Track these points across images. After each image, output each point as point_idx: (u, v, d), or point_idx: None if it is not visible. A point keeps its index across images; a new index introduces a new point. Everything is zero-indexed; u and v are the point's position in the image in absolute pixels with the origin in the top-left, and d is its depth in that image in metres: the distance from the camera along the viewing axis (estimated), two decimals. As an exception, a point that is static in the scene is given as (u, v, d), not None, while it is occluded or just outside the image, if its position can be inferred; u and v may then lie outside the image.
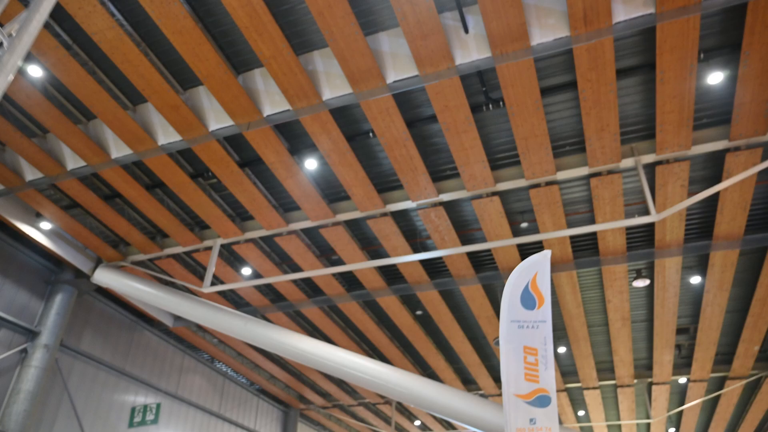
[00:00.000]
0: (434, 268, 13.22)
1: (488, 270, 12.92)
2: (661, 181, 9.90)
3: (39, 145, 10.46)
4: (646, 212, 10.87)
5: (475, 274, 12.92)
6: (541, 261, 4.17)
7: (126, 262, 13.38)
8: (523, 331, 4.09)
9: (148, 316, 15.69)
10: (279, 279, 11.72)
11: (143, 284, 12.86)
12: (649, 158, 9.54)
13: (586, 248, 12.22)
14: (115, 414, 14.32)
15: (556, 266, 12.25)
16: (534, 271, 4.21)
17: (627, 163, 9.63)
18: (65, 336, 13.35)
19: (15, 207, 12.06)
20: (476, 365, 17.58)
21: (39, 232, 12.41)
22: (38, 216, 12.38)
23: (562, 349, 16.64)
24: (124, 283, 12.97)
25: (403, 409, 22.55)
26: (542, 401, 4.02)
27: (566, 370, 18.23)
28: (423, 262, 12.79)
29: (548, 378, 4.10)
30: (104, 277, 13.20)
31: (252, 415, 20.35)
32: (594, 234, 11.77)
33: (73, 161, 10.71)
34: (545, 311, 4.25)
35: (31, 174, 11.09)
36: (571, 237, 11.87)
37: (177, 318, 15.93)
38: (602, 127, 8.96)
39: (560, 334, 15.92)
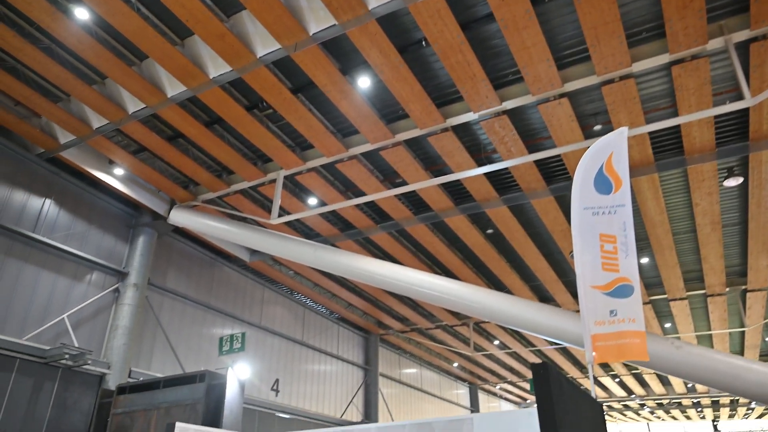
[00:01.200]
0: (503, 183, 12.69)
1: (560, 180, 12.24)
2: (756, 60, 8.74)
3: (99, 92, 10.64)
4: (740, 98, 9.72)
5: (547, 186, 12.29)
6: (617, 139, 3.68)
7: (197, 202, 13.74)
8: (598, 218, 3.67)
9: (226, 253, 16.26)
10: (343, 205, 11.64)
11: (215, 221, 13.22)
12: (741, 35, 8.40)
13: (668, 148, 11.24)
14: (205, 344, 15.22)
15: (635, 170, 11.39)
16: (609, 152, 3.72)
17: (715, 44, 8.53)
18: (152, 275, 14.09)
19: (89, 156, 12.54)
20: (553, 281, 17.15)
21: (114, 179, 12.90)
22: (111, 163, 12.82)
23: (644, 260, 15.86)
24: (198, 222, 13.38)
25: (481, 330, 22.68)
26: (623, 291, 3.66)
27: (650, 282, 17.45)
28: (491, 177, 12.27)
29: (629, 266, 3.71)
30: (179, 217, 13.66)
31: (334, 341, 21.14)
32: (678, 130, 10.75)
33: (132, 104, 10.84)
34: (624, 194, 3.78)
35: (97, 121, 11.37)
36: (652, 136, 10.91)
37: (253, 253, 16.42)
38: (684, 4, 7.89)
39: (642, 244, 15.10)
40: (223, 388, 6.56)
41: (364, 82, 9.92)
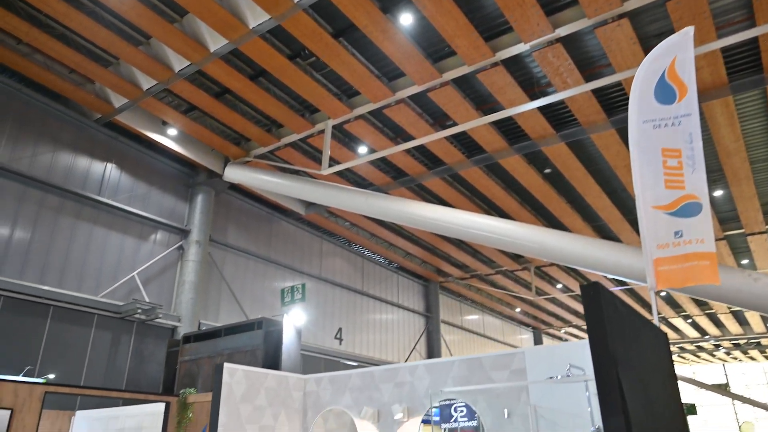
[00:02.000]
0: (559, 119, 12.04)
1: (622, 111, 11.47)
2: None
3: (146, 52, 10.71)
4: (828, 2, 8.63)
5: (608, 118, 11.56)
6: (681, 41, 3.23)
7: (250, 157, 13.87)
8: (660, 132, 3.29)
9: (282, 207, 16.48)
10: (393, 151, 11.41)
11: (268, 175, 13.34)
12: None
13: (744, 66, 10.24)
14: (268, 295, 15.69)
15: (706, 94, 10.49)
16: (671, 56, 3.28)
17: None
18: (212, 232, 14.50)
19: (142, 118, 12.81)
20: (617, 221, 16.43)
21: (168, 139, 13.17)
22: (164, 124, 13.06)
23: (718, 193, 14.85)
24: (252, 177, 13.55)
25: (543, 274, 22.25)
26: (690, 210, 3.30)
27: (725, 216, 16.41)
28: (546, 112, 11.66)
29: (697, 181, 3.33)
30: (233, 173, 13.86)
31: (394, 290, 21.34)
32: (755, 46, 9.74)
33: (178, 62, 10.87)
34: (690, 102, 3.36)
35: (146, 83, 11.52)
36: (725, 54, 9.95)
37: (308, 206, 16.57)
38: None
39: (715, 176, 14.12)
40: (279, 333, 6.67)
41: (406, 19, 9.49)
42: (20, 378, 7.62)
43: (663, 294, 23.60)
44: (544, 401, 3.41)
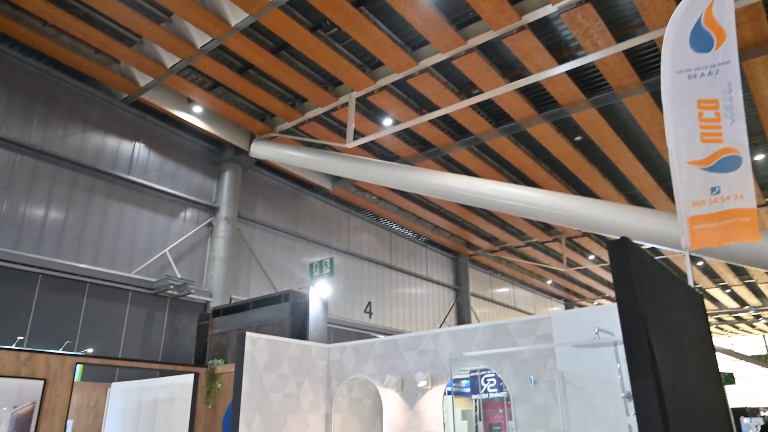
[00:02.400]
0: (590, 83, 11.63)
1: (656, 73, 11.00)
2: None
3: (168, 29, 10.69)
4: None
5: (641, 81, 11.12)
6: (719, -17, 3.00)
7: (275, 133, 13.85)
8: (695, 82, 3.07)
9: (309, 183, 16.49)
10: (418, 121, 11.22)
11: (293, 150, 13.32)
12: None
13: (788, 20, 9.66)
14: (297, 270, 15.81)
15: (746, 52, 9.96)
16: (708, 1, 3.05)
17: None
18: (241, 208, 14.61)
19: (167, 96, 12.87)
20: (652, 188, 15.95)
21: (194, 117, 13.23)
22: (189, 101, 13.11)
23: (759, 157, 14.24)
24: (277, 152, 13.55)
25: (574, 245, 21.87)
26: (728, 164, 3.10)
27: (766, 181, 15.75)
28: (576, 77, 11.27)
29: (736, 134, 3.11)
30: (259, 149, 13.89)
31: (422, 264, 21.29)
32: (800, -3, 9.17)
33: (200, 38, 10.83)
34: (728, 49, 3.12)
35: (169, 60, 11.53)
36: None
37: (335, 180, 16.53)
38: None
39: (757, 140, 13.52)
40: (306, 305, 6.68)
41: (428, -17, 9.21)
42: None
43: (700, 264, 22.97)
44: (571, 367, 3.30)
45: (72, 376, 4.86)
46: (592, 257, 23.26)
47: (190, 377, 6.05)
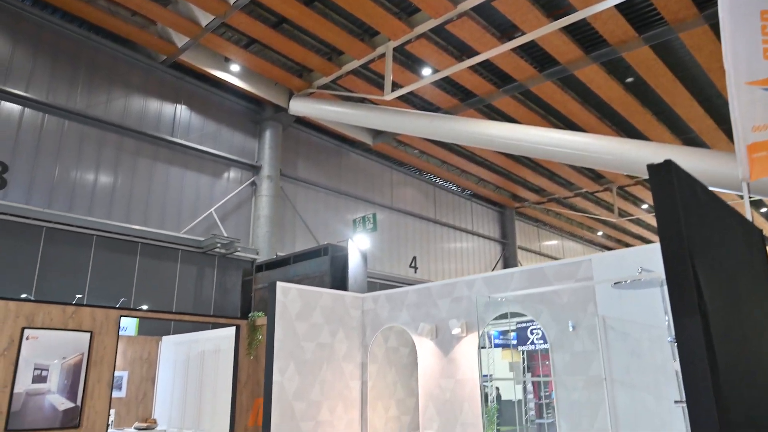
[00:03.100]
0: (643, 19, 10.84)
1: (716, 3, 10.10)
2: None
3: (200, -14, 10.56)
4: None
5: (699, 13, 10.27)
6: None
7: (313, 89, 13.69)
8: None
9: (350, 138, 16.35)
10: (457, 68, 10.81)
11: (331, 105, 13.16)
12: None
13: None
14: (340, 226, 15.87)
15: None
16: None
17: None
18: (283, 166, 14.67)
19: (205, 56, 12.85)
20: (711, 131, 15.00)
21: (232, 76, 13.21)
22: (227, 60, 13.06)
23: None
24: (316, 108, 13.42)
25: (626, 194, 21.04)
26: (794, 82, 2.74)
27: (841, 118, 14.53)
28: (627, 13, 10.51)
29: (804, 47, 2.73)
30: (298, 106, 13.79)
31: (468, 218, 21.01)
32: None
33: (232, -7, 10.66)
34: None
35: (204, 18, 11.44)
36: None
37: (375, 135, 16.33)
38: None
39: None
40: (345, 258, 6.66)
41: None
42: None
43: (763, 210, 21.73)
44: (613, 311, 3.10)
45: (117, 328, 5.02)
46: (645, 206, 22.36)
47: (233, 330, 6.19)
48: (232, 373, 6.03)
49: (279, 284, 4.11)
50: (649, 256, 3.00)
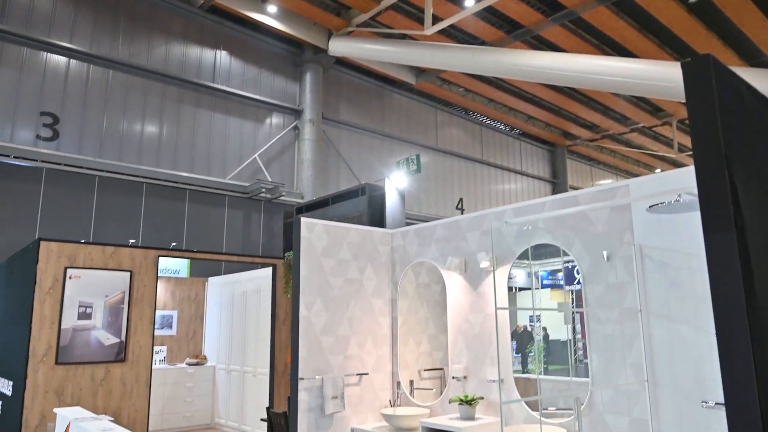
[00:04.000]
0: (707, -72, 9.79)
1: None
2: None
3: None
4: None
5: None
6: None
7: (352, 27, 13.28)
8: None
9: (392, 78, 15.94)
10: (500, -4, 10.14)
11: (371, 43, 12.79)
12: None
13: None
14: (384, 169, 15.73)
15: None
16: None
17: None
18: (324, 110, 14.51)
19: (242, -2, 12.63)
20: (785, 53, 13.71)
21: (270, 18, 12.95)
22: (263, 1, 12.78)
23: None
24: (355, 47, 13.08)
25: (687, 128, 19.77)
26: None
27: None
28: None
29: None
30: (337, 46, 13.47)
31: (516, 158, 20.40)
32: None
33: (263, -72, 10.28)
34: None
35: (237, -43, 11.15)
36: None
37: (418, 74, 15.85)
38: None
39: None
40: (382, 197, 6.54)
41: None
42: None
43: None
44: (651, 240, 2.87)
45: (155, 268, 5.15)
46: (709, 140, 21.01)
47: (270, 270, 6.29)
48: (271, 311, 6.15)
49: (303, 220, 4.05)
50: (693, 180, 2.72)
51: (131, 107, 11.54)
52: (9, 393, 4.95)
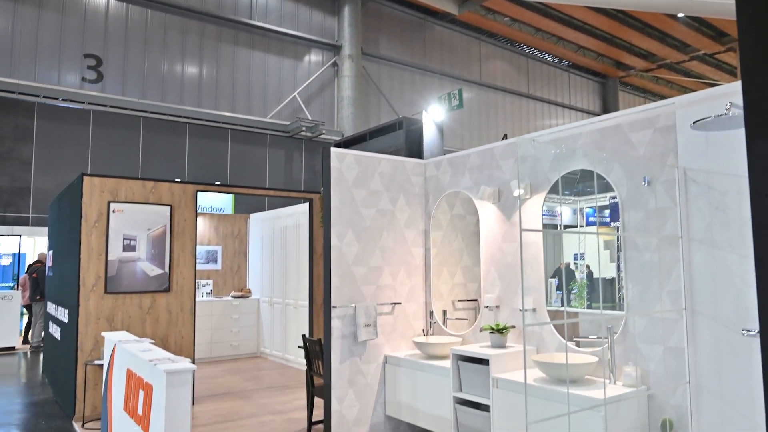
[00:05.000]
0: None
1: None
2: None
3: None
4: None
5: None
6: None
7: (390, -45, 12.68)
8: None
9: (433, 9, 15.29)
10: None
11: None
12: None
13: None
14: (425, 105, 15.38)
15: None
16: None
17: None
18: (364, 45, 14.14)
19: (275, -72, 12.19)
20: None
21: (305, -52, 12.51)
22: (298, -69, 12.31)
23: None
24: (393, -23, 12.49)
25: (754, 54, 18.34)
26: None
27: None
28: None
29: None
30: (375, -24, 12.91)
31: (565, 91, 19.53)
32: None
33: None
34: None
35: None
36: None
37: (461, 4, 15.13)
38: None
39: None
40: (420, 131, 6.38)
41: None
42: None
43: None
44: (697, 162, 2.67)
45: (194, 202, 5.25)
46: (778, 67, 19.47)
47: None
48: (309, 245, 6.24)
49: (333, 150, 4.00)
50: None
51: (171, 47, 11.55)
52: (66, 320, 5.29)
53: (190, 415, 2.60)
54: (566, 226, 3.65)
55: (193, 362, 5.28)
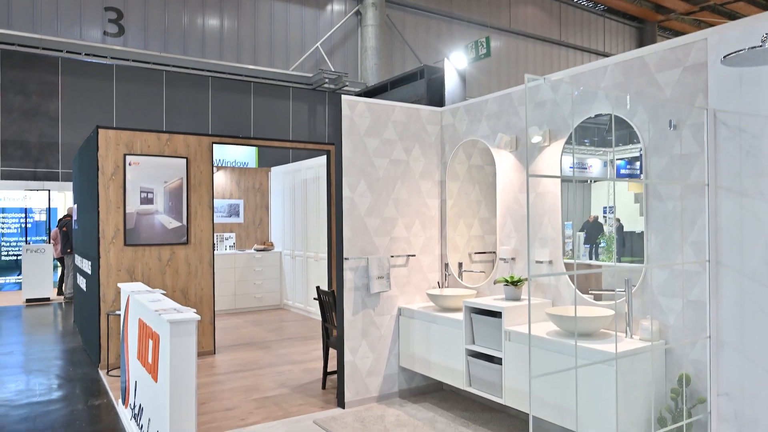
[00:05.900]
0: None
1: None
2: None
3: None
4: None
5: None
6: None
7: None
8: None
9: (460, -47, 14.61)
10: None
11: None
12: None
13: None
14: (452, 55, 14.90)
15: None
16: None
17: None
18: (390, -8, 13.65)
19: None
20: None
21: None
22: None
23: None
24: None
25: (807, -7, 17.11)
26: None
27: None
28: None
29: None
30: None
31: (599, 37, 18.64)
32: None
33: None
34: None
35: None
36: None
37: (489, -54, 14.38)
38: None
39: None
40: (441, 80, 6.17)
41: None
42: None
43: None
44: (728, 103, 2.46)
45: (210, 154, 5.20)
46: (833, 7, 18.15)
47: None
48: (327, 198, 6.17)
49: (344, 97, 3.86)
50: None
51: (191, 5, 11.34)
52: (89, 272, 5.39)
53: (195, 363, 2.61)
54: (595, 180, 3.48)
55: (214, 313, 5.36)
